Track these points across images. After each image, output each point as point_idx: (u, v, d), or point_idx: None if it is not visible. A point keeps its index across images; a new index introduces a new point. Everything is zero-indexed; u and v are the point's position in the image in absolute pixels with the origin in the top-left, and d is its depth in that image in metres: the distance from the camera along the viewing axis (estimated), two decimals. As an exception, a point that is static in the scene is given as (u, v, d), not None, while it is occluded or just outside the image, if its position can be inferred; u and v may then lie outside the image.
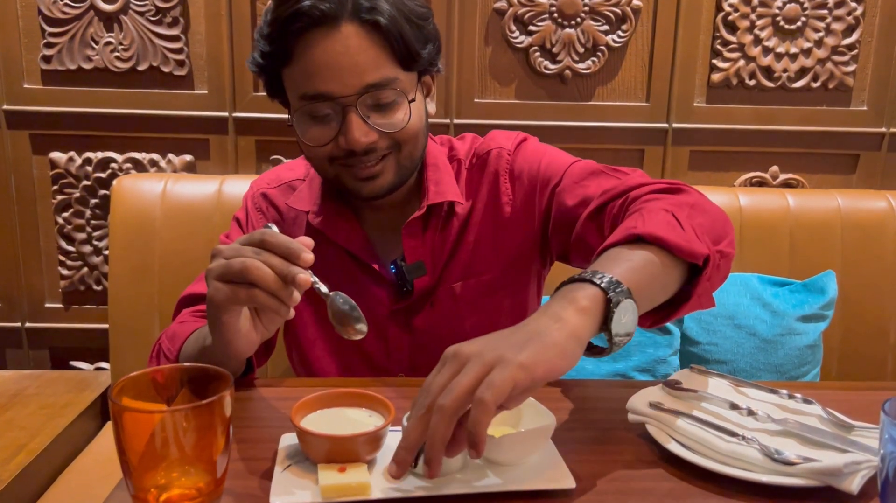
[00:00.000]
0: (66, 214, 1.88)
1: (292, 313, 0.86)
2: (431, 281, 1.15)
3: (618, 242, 0.85)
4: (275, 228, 0.89)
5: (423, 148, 1.13)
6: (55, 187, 1.87)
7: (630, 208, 0.96)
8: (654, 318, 0.89)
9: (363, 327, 0.89)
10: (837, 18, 1.82)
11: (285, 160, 1.85)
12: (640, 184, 1.00)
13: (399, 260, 1.15)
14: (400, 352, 1.17)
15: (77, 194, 1.87)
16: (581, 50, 1.81)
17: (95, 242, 1.89)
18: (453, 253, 1.16)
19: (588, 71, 1.83)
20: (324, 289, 0.88)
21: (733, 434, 0.82)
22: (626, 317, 0.77)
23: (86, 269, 1.91)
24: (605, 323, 0.76)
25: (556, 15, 1.79)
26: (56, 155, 1.85)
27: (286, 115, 0.99)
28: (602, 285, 0.76)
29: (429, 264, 1.14)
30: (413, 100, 1.06)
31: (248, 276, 0.82)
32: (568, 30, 1.80)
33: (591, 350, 0.80)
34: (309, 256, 0.83)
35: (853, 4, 1.81)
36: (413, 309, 1.15)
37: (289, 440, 0.82)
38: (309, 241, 0.84)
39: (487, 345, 0.71)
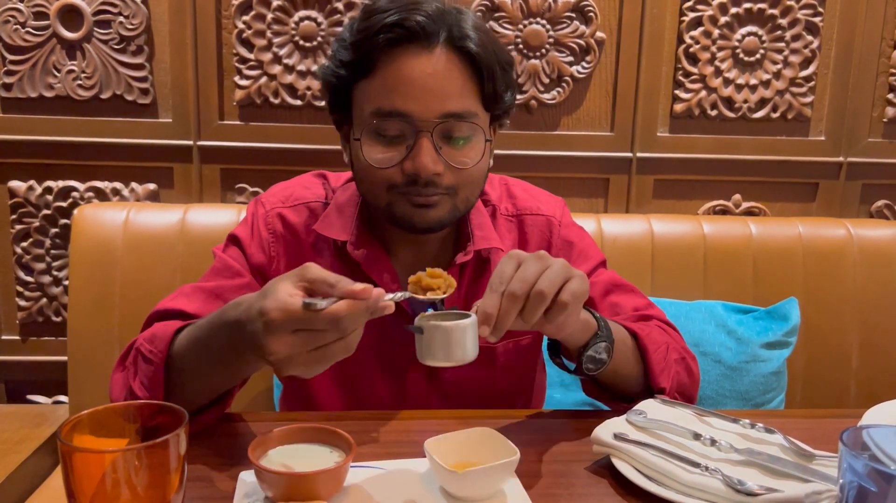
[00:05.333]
0: (24, 244, 1.84)
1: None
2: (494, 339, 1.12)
3: (624, 325, 1.07)
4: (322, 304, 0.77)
5: (479, 196, 1.09)
6: (14, 216, 1.83)
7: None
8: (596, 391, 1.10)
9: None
10: (795, 51, 1.87)
11: (250, 189, 1.83)
12: (664, 319, 1.17)
13: (439, 304, 1.11)
14: (417, 398, 1.12)
15: (36, 224, 1.83)
16: (546, 80, 1.84)
17: (55, 272, 1.86)
18: None
19: (553, 101, 1.85)
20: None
21: (696, 464, 0.82)
22: (599, 354, 0.99)
23: (45, 300, 1.87)
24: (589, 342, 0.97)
25: (521, 46, 1.81)
26: (15, 184, 1.81)
27: (253, 144, 0.97)
28: (600, 324, 0.98)
29: None
30: (489, 140, 1.04)
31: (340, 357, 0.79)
32: (533, 61, 1.82)
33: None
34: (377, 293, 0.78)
35: (809, 38, 1.86)
36: None
37: (247, 478, 0.81)
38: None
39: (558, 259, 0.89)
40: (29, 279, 1.86)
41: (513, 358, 1.15)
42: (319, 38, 1.78)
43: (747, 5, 1.83)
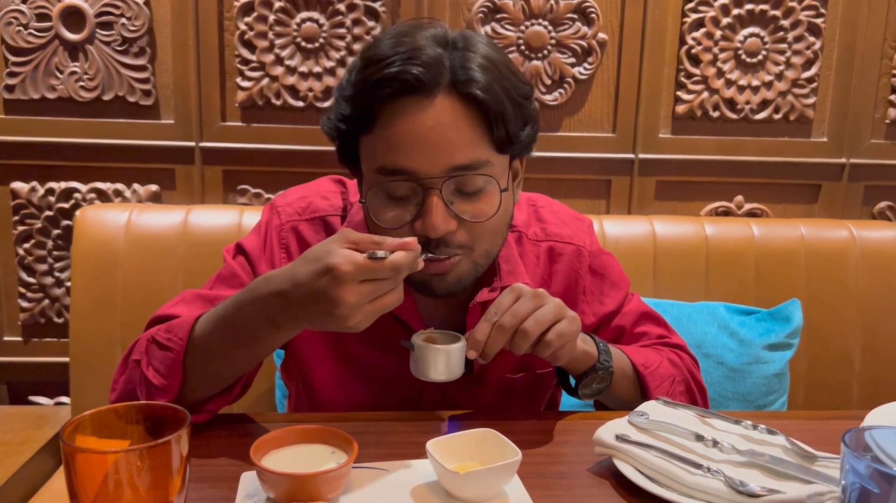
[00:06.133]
0: (27, 245, 1.84)
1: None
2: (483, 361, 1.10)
3: (631, 360, 1.09)
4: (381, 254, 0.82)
5: (502, 244, 1.03)
6: (16, 218, 1.83)
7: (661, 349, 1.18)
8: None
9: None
10: (797, 52, 1.87)
11: (252, 190, 1.83)
12: (682, 347, 1.20)
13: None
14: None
15: (39, 225, 1.83)
16: (548, 82, 1.84)
17: (57, 274, 1.86)
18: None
19: (555, 102, 1.85)
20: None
21: (699, 466, 0.82)
22: (596, 383, 1.03)
23: (47, 302, 1.87)
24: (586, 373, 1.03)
25: (523, 47, 1.81)
26: (17, 185, 1.82)
27: (256, 145, 0.95)
28: (601, 358, 1.03)
29: None
30: (505, 189, 0.97)
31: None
32: (535, 62, 1.82)
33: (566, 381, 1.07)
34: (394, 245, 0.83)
35: (812, 39, 1.86)
36: (459, 384, 1.07)
37: (249, 478, 0.81)
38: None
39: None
40: (31, 280, 1.86)
41: (530, 385, 1.15)
42: (321, 40, 1.78)
43: (749, 6, 1.83)
